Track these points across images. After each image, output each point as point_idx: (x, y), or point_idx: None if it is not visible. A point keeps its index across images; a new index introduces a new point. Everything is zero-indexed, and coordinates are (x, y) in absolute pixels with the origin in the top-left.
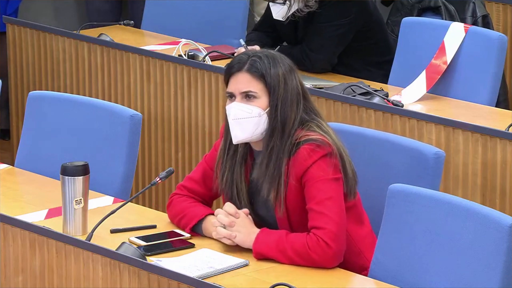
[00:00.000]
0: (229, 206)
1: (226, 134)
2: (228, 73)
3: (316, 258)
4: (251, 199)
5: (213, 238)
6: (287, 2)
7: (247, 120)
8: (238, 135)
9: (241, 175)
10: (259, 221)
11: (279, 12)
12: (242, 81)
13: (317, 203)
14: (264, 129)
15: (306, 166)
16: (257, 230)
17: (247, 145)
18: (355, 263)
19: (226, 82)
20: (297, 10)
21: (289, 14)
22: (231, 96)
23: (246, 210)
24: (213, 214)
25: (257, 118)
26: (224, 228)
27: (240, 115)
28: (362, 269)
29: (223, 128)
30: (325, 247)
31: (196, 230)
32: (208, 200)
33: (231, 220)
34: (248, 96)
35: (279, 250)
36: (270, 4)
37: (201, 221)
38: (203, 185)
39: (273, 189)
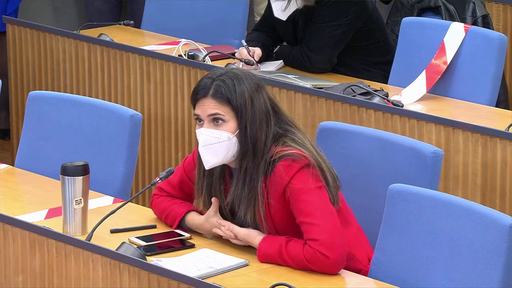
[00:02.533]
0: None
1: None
2: (194, 99)
3: (315, 269)
4: (232, 215)
5: (212, 238)
6: None
7: (217, 145)
8: (210, 161)
9: (220, 194)
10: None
11: (279, 10)
12: (209, 106)
13: (306, 215)
14: (235, 152)
15: (285, 183)
16: (257, 238)
17: (223, 164)
18: (349, 267)
19: (193, 106)
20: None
21: (288, 9)
22: (199, 120)
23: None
24: (193, 210)
25: (226, 142)
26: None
27: (209, 141)
28: (356, 272)
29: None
30: (322, 258)
31: (182, 227)
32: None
33: (230, 234)
34: (215, 119)
35: (282, 260)
36: (271, 1)
37: (182, 218)
38: (180, 190)
39: (249, 210)
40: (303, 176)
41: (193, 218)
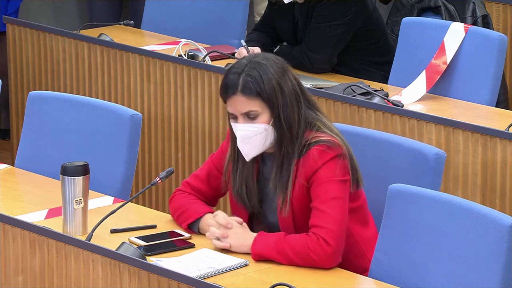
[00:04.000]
0: (220, 217)
1: (233, 139)
2: (225, 96)
3: (315, 258)
4: (261, 199)
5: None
6: None
7: (255, 138)
8: (250, 153)
9: (252, 175)
10: (264, 223)
11: None
12: (240, 103)
13: (321, 202)
14: (272, 139)
15: (316, 167)
16: (253, 235)
17: None
18: (357, 264)
19: (224, 102)
20: None
21: None
22: (234, 116)
23: (239, 218)
24: (212, 212)
25: (264, 133)
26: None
27: (247, 135)
28: (363, 271)
29: (230, 131)
30: (324, 245)
31: (193, 228)
32: (211, 198)
33: (223, 232)
34: (249, 115)
35: (278, 251)
36: None
37: (199, 219)
38: (207, 183)
39: (281, 192)
40: (333, 166)
41: (207, 219)
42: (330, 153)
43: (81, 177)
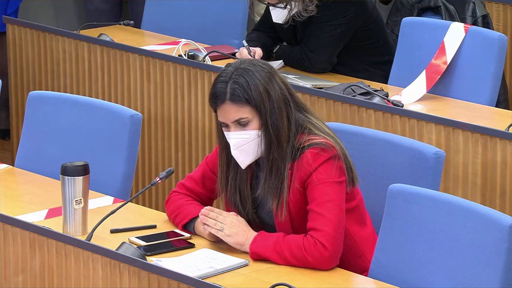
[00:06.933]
0: (228, 218)
1: (223, 148)
2: (214, 105)
3: (311, 261)
4: (255, 205)
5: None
6: (288, 6)
7: (248, 145)
8: (245, 161)
9: (246, 182)
10: (261, 226)
11: (278, 16)
12: (230, 112)
13: (317, 205)
14: (264, 145)
15: (311, 170)
16: (254, 232)
17: None
18: (356, 264)
19: (214, 111)
20: (297, 14)
21: (288, 17)
22: (225, 125)
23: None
24: None
25: (256, 140)
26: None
27: (241, 143)
28: (363, 271)
29: (219, 140)
30: (321, 248)
31: (188, 228)
32: (206, 200)
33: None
34: (240, 122)
35: (276, 251)
36: (270, 7)
37: (193, 219)
38: (202, 185)
39: (275, 197)
40: (328, 167)
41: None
42: (324, 155)
43: (81, 177)
